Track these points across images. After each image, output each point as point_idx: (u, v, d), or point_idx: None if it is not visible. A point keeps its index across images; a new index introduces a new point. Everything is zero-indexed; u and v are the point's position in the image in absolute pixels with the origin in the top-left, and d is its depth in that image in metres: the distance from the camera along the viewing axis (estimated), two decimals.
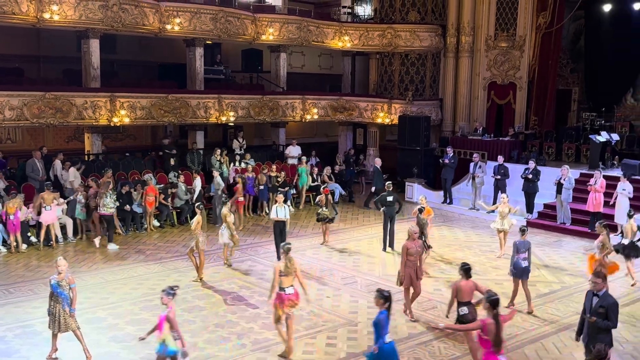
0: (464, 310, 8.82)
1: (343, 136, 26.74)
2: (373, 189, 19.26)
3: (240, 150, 21.59)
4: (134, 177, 18.29)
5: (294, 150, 22.53)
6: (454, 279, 13.01)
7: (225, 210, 13.87)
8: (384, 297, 7.56)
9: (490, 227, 15.30)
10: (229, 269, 13.56)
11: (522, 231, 11.39)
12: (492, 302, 7.19)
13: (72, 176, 16.76)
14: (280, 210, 13.93)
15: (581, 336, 7.90)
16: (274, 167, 20.17)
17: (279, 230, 13.99)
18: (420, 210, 13.65)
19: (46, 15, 16.89)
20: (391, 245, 15.21)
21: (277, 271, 9.08)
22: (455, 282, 9.23)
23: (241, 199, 17.51)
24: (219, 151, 19.95)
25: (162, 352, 7.67)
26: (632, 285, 12.73)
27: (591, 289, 7.74)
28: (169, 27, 19.55)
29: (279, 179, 19.74)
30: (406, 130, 22.93)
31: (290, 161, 22.22)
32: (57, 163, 17.40)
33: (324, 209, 15.50)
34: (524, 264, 11.03)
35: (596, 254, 11.51)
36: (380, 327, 7.47)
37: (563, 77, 25.73)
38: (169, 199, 17.57)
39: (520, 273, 11.08)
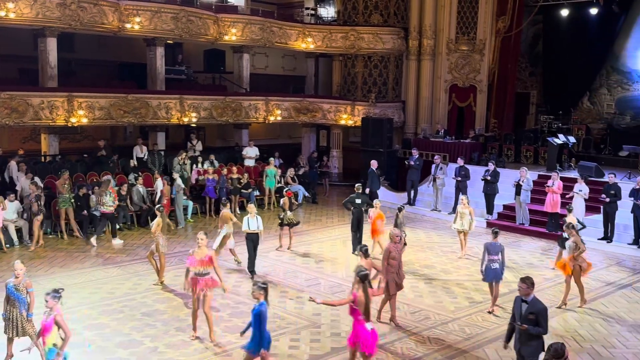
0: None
1: (307, 138, 26.73)
2: (367, 190, 19.03)
3: (194, 152, 21.18)
4: (92, 179, 17.92)
5: (250, 151, 22.24)
6: (415, 280, 13.16)
7: (226, 211, 13.72)
8: (263, 289, 7.84)
9: (451, 228, 15.47)
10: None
11: (495, 233, 11.41)
12: (361, 277, 8.10)
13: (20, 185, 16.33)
14: (252, 222, 12.95)
15: (509, 343, 7.79)
16: (234, 168, 19.99)
17: (252, 243, 13.02)
18: (400, 210, 13.89)
19: (1, 13, 16.42)
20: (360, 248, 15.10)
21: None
22: (359, 263, 9.90)
23: (164, 201, 17.06)
24: (184, 154, 19.68)
25: (55, 357, 7.47)
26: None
27: (519, 294, 7.62)
28: (128, 26, 19.24)
29: (241, 181, 19.61)
30: (369, 132, 23.04)
31: (247, 162, 21.97)
32: (12, 164, 16.94)
33: (288, 212, 15.32)
34: (494, 266, 11.03)
35: (567, 254, 11.62)
36: (261, 317, 7.75)
37: (522, 81, 26.22)
38: (127, 200, 17.25)
39: (490, 276, 11.12)
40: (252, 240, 13.04)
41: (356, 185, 15.73)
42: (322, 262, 14.37)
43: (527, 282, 7.56)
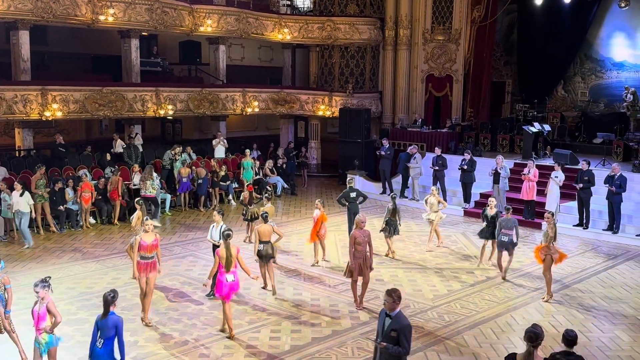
0: (261, 247, 11.45)
1: (284, 129, 26.70)
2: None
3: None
4: (68, 173, 17.71)
5: (220, 143, 21.90)
6: (394, 268, 13.27)
7: (270, 206, 13.40)
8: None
9: (422, 217, 15.47)
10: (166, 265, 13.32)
11: (507, 210, 12.76)
12: (224, 236, 9.63)
13: None
14: (215, 232, 11.26)
15: None
16: (213, 161, 19.83)
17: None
18: (393, 198, 14.02)
19: None
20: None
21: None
22: (257, 227, 11.58)
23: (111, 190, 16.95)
24: (178, 149, 19.46)
25: (55, 343, 7.71)
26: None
27: (384, 307, 6.75)
28: (102, 17, 18.98)
29: (220, 173, 19.53)
30: (347, 123, 23.08)
31: (217, 154, 21.56)
32: None
33: (250, 207, 14.72)
34: (503, 238, 12.45)
35: (542, 242, 11.62)
36: (119, 328, 7.28)
37: (497, 70, 26.42)
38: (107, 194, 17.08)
39: (499, 245, 12.65)
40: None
41: (348, 178, 15.46)
42: (302, 253, 14.37)
43: (394, 296, 6.59)
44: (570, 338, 6.38)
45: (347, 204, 14.59)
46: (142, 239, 9.99)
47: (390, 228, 13.87)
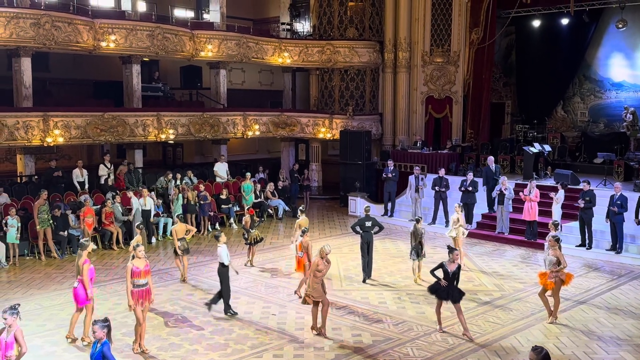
0: (179, 243, 13.69)
1: (285, 152, 26.78)
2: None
3: (109, 176, 19.28)
4: (70, 198, 17.72)
5: (222, 167, 21.93)
6: (398, 291, 13.20)
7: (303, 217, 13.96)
8: (107, 327, 7.03)
9: (446, 234, 15.31)
10: (166, 290, 13.25)
11: None
12: (81, 247, 10.51)
13: None
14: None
15: None
16: (201, 186, 19.66)
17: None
18: (418, 221, 13.94)
19: None
20: (368, 275, 14.04)
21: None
22: (173, 226, 14.09)
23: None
24: (171, 175, 19.59)
25: None
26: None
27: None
28: (104, 44, 19.17)
29: (221, 196, 19.53)
30: (348, 145, 23.14)
31: (219, 179, 21.74)
32: None
33: (252, 231, 14.79)
34: None
35: (547, 269, 11.31)
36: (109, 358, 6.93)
37: (496, 91, 26.55)
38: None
39: None
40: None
41: (365, 206, 15.00)
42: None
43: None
44: None
45: (361, 232, 14.00)
46: (134, 265, 9.88)
47: (416, 252, 13.80)
